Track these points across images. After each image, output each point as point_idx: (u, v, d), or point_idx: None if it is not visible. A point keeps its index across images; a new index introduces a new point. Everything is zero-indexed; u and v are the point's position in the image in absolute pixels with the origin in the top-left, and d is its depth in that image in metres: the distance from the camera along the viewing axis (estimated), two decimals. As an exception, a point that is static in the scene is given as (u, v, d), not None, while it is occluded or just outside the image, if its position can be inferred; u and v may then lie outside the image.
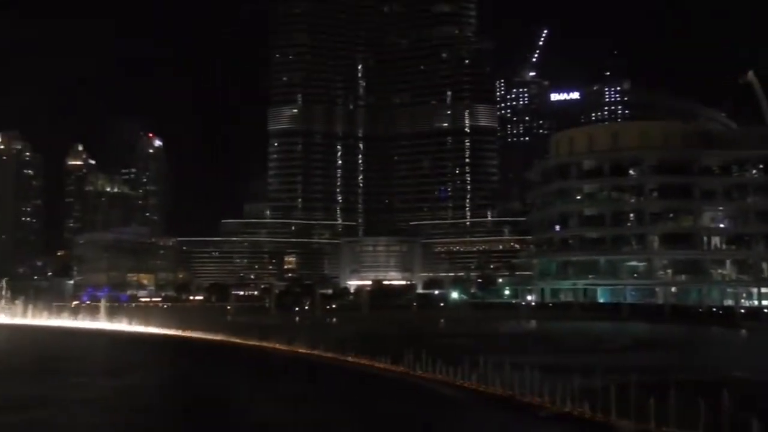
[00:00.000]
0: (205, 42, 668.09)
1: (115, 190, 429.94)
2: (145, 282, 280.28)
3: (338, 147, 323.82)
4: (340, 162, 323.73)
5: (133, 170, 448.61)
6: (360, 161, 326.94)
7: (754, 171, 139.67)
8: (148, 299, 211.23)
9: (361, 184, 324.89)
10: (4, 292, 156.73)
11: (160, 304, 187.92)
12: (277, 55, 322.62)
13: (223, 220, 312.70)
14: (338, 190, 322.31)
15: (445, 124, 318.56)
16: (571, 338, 78.17)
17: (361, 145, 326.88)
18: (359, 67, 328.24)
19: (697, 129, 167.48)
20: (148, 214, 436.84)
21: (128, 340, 77.33)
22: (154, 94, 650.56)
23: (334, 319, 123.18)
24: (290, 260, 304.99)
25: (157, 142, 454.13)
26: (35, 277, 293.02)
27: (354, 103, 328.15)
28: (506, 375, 32.79)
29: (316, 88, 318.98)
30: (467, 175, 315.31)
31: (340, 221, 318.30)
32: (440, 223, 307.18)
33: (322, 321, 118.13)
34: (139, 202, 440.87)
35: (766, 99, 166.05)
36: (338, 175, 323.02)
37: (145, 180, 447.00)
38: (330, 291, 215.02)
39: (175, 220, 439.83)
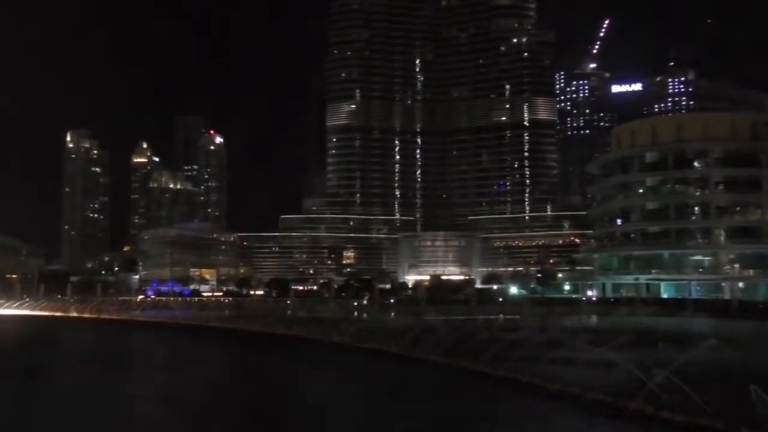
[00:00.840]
0: (263, 39, 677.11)
1: (178, 186, 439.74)
2: (207, 277, 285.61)
3: (396, 142, 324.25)
4: (398, 157, 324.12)
5: (195, 167, 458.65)
6: (418, 156, 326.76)
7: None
8: (210, 294, 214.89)
9: (419, 179, 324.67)
10: (70, 289, 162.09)
11: (222, 299, 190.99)
12: (335, 51, 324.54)
13: (282, 216, 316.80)
14: (396, 185, 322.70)
15: (504, 118, 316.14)
16: (635, 334, 76.74)
17: (419, 140, 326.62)
18: (417, 61, 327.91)
19: (765, 119, 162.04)
20: (209, 210, 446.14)
21: (196, 333, 78.82)
22: (214, 92, 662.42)
23: (393, 314, 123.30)
24: (349, 255, 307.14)
25: (218, 139, 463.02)
26: (102, 272, 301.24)
27: (412, 98, 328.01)
28: (569, 371, 32.40)
29: (373, 83, 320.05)
30: (526, 169, 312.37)
31: (398, 216, 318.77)
32: (499, 217, 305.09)
33: (381, 315, 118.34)
34: (201, 198, 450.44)
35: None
36: (396, 170, 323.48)
37: (206, 176, 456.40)
38: (388, 286, 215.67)
39: (235, 215, 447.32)
